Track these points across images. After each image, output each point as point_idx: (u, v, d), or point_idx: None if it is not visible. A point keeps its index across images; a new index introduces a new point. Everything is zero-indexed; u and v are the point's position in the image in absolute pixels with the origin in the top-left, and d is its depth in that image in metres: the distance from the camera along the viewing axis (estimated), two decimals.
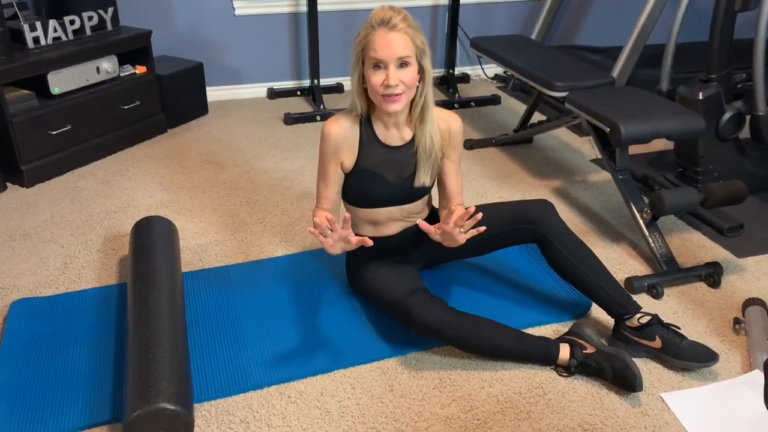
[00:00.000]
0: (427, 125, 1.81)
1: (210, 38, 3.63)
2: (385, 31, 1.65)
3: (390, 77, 1.66)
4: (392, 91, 1.68)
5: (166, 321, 1.68)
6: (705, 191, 2.16)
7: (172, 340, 1.62)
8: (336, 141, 1.81)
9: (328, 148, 1.82)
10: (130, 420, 1.42)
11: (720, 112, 2.56)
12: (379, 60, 1.66)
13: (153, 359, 1.53)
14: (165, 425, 1.44)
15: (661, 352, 1.79)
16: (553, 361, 1.77)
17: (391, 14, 1.66)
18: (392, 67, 1.66)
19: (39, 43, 2.77)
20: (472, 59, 4.24)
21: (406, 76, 1.68)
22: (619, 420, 1.63)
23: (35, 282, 2.12)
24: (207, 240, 2.37)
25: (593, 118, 2.36)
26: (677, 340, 1.78)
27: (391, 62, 1.66)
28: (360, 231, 1.96)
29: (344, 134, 1.81)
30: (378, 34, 1.66)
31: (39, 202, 2.63)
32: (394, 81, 1.66)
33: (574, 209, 2.64)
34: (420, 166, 1.84)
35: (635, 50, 3.33)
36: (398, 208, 1.91)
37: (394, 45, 1.65)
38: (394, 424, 1.61)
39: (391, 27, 1.65)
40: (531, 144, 3.27)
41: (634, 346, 1.81)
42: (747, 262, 2.28)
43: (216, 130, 3.34)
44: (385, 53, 1.65)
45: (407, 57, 1.67)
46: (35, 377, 1.71)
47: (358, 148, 1.82)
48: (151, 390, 1.45)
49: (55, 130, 2.77)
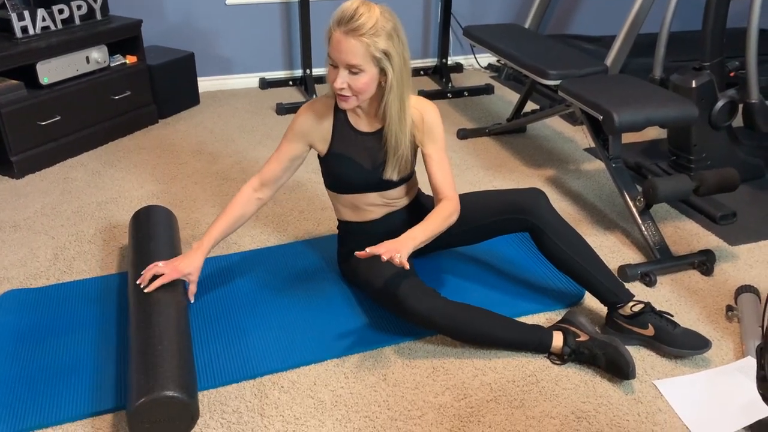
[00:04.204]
0: (394, 124, 1.75)
1: (201, 28, 3.60)
2: (340, 34, 1.59)
3: (337, 80, 1.65)
4: (340, 92, 1.67)
5: (172, 310, 1.67)
6: (698, 179, 2.16)
7: (177, 329, 1.61)
8: (306, 124, 1.82)
9: (296, 128, 1.83)
10: (136, 407, 1.40)
11: (713, 100, 2.56)
12: (331, 59, 1.65)
13: (161, 347, 1.52)
14: (170, 413, 1.43)
15: (654, 340, 1.79)
16: (547, 349, 1.77)
17: (352, 15, 1.58)
18: (342, 70, 1.64)
19: (27, 33, 2.74)
20: (465, 48, 4.22)
21: (357, 82, 1.64)
22: (612, 407, 1.63)
23: (26, 273, 2.10)
24: (199, 231, 2.35)
25: (586, 106, 2.35)
26: (670, 327, 1.78)
27: (341, 65, 1.63)
28: (342, 216, 1.97)
29: (317, 118, 1.81)
30: (334, 34, 1.61)
31: (29, 193, 2.61)
32: (340, 84, 1.65)
33: (567, 198, 2.64)
34: (388, 162, 1.82)
35: (628, 39, 3.32)
36: (378, 194, 1.89)
37: (344, 51, 1.60)
38: (387, 412, 1.61)
39: (347, 31, 1.58)
40: (524, 133, 3.26)
41: (627, 334, 1.82)
42: (740, 250, 2.29)
43: (208, 121, 3.32)
44: (335, 56, 1.63)
45: (358, 65, 1.61)
46: (30, 368, 1.70)
47: (331, 133, 1.82)
48: (158, 378, 1.44)
49: (45, 121, 2.75)
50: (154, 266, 1.77)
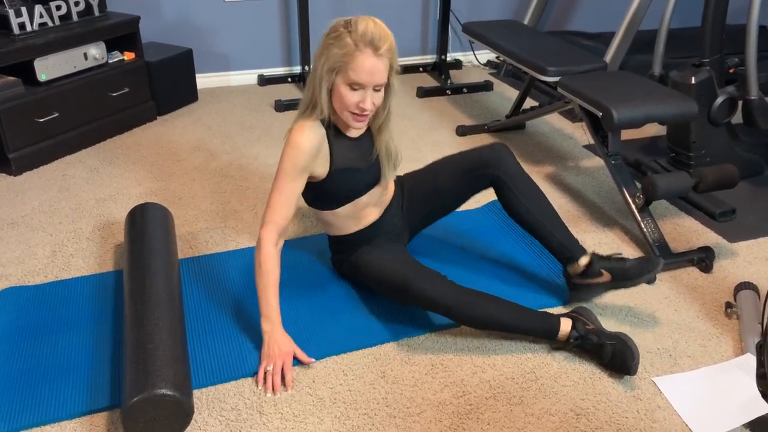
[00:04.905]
0: (384, 134, 1.82)
1: (199, 24, 3.59)
2: (371, 56, 1.59)
3: (367, 101, 1.65)
4: (365, 113, 1.67)
5: (166, 308, 1.66)
6: (697, 175, 2.15)
7: (172, 327, 1.60)
8: (310, 154, 1.71)
9: (300, 162, 1.70)
10: (130, 406, 1.40)
11: (712, 96, 2.55)
12: (359, 83, 1.63)
13: (153, 345, 1.51)
14: (165, 411, 1.43)
15: (614, 283, 1.85)
16: (554, 336, 1.75)
17: (380, 37, 1.59)
18: (369, 91, 1.64)
19: (25, 29, 2.73)
20: (464, 45, 4.21)
21: (379, 98, 1.68)
22: (612, 404, 1.63)
23: (23, 271, 2.09)
24: (198, 228, 2.35)
25: (585, 103, 2.35)
26: (621, 264, 1.84)
27: (369, 87, 1.64)
28: (343, 230, 1.93)
29: (317, 144, 1.72)
30: (364, 57, 1.59)
31: (27, 190, 2.60)
32: (370, 106, 1.65)
33: (566, 195, 2.63)
34: (383, 167, 1.86)
35: (627, 35, 3.32)
36: (370, 193, 1.89)
37: (377, 72, 1.62)
38: (386, 410, 1.60)
39: (378, 54, 1.59)
40: (523, 130, 3.26)
41: (589, 290, 1.88)
42: (739, 247, 2.29)
43: (206, 118, 3.31)
44: (366, 79, 1.61)
45: (384, 83, 1.66)
46: (28, 365, 1.69)
47: (329, 154, 1.76)
48: (151, 376, 1.43)
49: (43, 118, 2.74)
50: (269, 375, 1.65)
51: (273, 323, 1.71)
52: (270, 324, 1.71)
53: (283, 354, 1.68)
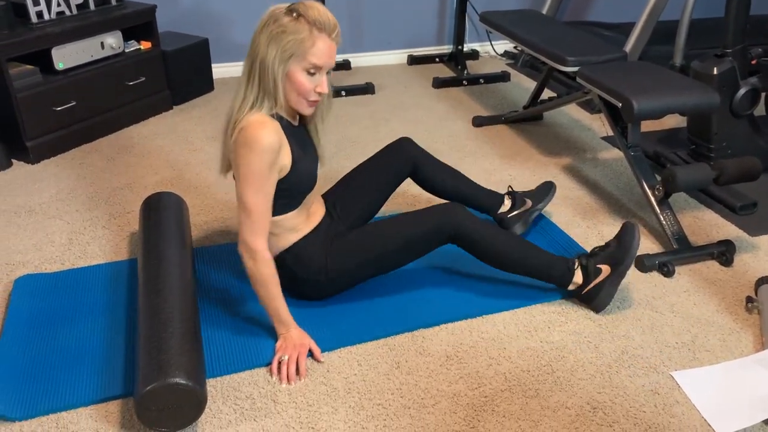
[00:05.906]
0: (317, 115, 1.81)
1: (216, 13, 3.58)
2: (328, 39, 1.60)
3: (324, 84, 1.65)
4: (321, 97, 1.68)
5: (180, 297, 1.66)
6: (718, 167, 2.12)
7: (186, 316, 1.60)
8: (277, 150, 1.62)
9: (270, 159, 1.61)
10: (143, 394, 1.40)
11: (735, 87, 2.51)
12: (318, 66, 1.61)
13: (166, 334, 1.51)
14: (178, 400, 1.43)
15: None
16: (567, 284, 1.89)
17: (331, 21, 1.61)
18: (324, 75, 1.65)
19: (42, 18, 2.74)
20: (481, 35, 4.17)
21: (328, 81, 1.68)
22: (629, 398, 1.61)
23: (40, 258, 2.11)
24: (212, 217, 2.35)
25: (605, 93, 2.32)
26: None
27: (326, 70, 1.64)
28: (297, 234, 1.81)
29: (279, 138, 1.64)
30: (323, 40, 1.59)
31: (44, 178, 2.62)
32: (327, 89, 1.66)
33: (584, 187, 2.60)
34: (316, 144, 1.86)
35: (648, 26, 3.26)
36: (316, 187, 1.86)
37: (333, 55, 1.64)
38: (400, 400, 1.60)
39: (332, 37, 1.61)
40: (541, 121, 3.22)
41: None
42: (760, 241, 2.25)
43: (222, 107, 3.31)
44: (326, 61, 1.62)
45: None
46: (43, 352, 1.70)
47: (288, 143, 1.69)
48: (164, 365, 1.43)
49: (60, 106, 2.75)
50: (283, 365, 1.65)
51: (288, 325, 1.72)
52: (285, 327, 1.72)
53: (298, 345, 1.68)
